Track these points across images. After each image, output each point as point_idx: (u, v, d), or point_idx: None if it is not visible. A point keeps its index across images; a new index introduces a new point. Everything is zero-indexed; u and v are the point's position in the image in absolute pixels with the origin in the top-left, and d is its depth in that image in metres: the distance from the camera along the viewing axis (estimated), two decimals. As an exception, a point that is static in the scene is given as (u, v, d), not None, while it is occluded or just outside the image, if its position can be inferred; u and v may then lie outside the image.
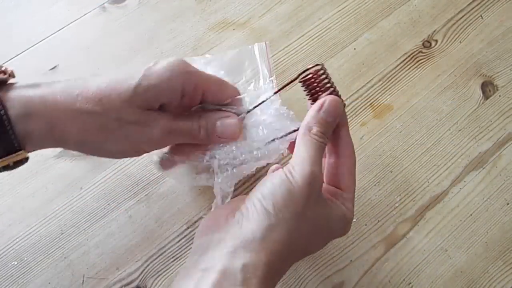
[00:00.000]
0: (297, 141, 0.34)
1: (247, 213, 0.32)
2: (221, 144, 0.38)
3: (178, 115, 0.36)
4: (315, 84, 0.36)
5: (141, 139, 0.34)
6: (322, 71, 0.36)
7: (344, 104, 0.36)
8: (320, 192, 0.33)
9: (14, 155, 0.32)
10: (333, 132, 0.36)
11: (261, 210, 0.31)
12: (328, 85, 0.36)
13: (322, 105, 0.35)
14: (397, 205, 0.47)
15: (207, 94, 0.36)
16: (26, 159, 0.33)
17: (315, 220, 0.33)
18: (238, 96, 0.39)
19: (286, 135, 0.38)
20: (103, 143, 0.34)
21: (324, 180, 0.37)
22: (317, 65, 0.36)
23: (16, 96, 0.32)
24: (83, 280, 0.44)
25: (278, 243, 0.31)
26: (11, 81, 0.34)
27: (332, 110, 0.34)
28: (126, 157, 0.36)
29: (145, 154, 0.37)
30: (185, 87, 0.34)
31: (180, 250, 0.45)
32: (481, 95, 0.53)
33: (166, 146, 0.38)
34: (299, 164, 0.32)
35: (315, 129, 0.34)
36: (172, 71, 0.33)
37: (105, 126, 0.33)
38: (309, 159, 0.32)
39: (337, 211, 0.34)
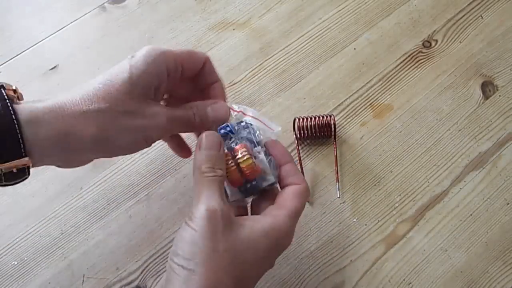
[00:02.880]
0: (192, 183, 0.35)
1: (169, 276, 0.32)
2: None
3: (173, 106, 0.38)
4: None
5: (150, 127, 0.35)
6: None
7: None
8: (228, 219, 0.33)
9: (18, 160, 0.31)
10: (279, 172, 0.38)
11: (177, 268, 0.31)
12: None
13: (200, 143, 0.36)
14: (397, 205, 0.47)
15: (185, 66, 0.38)
16: (28, 172, 0.33)
17: (233, 249, 0.32)
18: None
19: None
20: (118, 136, 0.34)
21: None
22: None
23: (24, 106, 0.32)
24: (83, 280, 0.44)
25: None
26: None
27: (210, 144, 0.35)
28: (137, 150, 0.37)
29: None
30: (167, 63, 0.37)
31: (180, 250, 0.45)
32: (481, 95, 0.53)
33: (169, 134, 0.39)
34: (196, 205, 0.33)
35: (203, 167, 0.34)
36: (153, 55, 0.36)
37: (116, 119, 0.34)
38: (204, 197, 0.33)
39: (258, 226, 0.34)
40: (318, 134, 0.49)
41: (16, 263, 0.45)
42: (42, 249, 0.45)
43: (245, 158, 0.36)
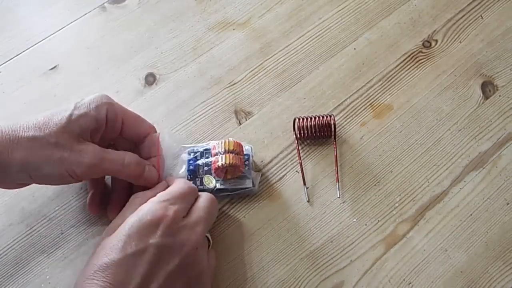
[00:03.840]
0: None
1: None
2: None
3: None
4: None
5: (74, 162, 0.38)
6: None
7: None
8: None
9: None
10: None
11: None
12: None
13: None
14: (397, 205, 0.47)
15: (126, 124, 0.42)
16: None
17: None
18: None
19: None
20: (43, 165, 0.37)
21: None
22: None
23: None
24: (83, 280, 0.44)
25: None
26: None
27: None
28: (66, 182, 0.40)
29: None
30: (108, 113, 0.40)
31: (180, 250, 0.45)
32: (481, 95, 0.53)
33: (97, 173, 0.41)
34: None
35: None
36: (98, 102, 0.40)
37: (45, 149, 0.37)
38: None
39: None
40: (318, 134, 0.49)
41: (16, 263, 0.45)
42: (42, 249, 0.45)
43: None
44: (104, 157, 0.39)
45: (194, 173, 0.46)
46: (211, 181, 0.44)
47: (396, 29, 0.58)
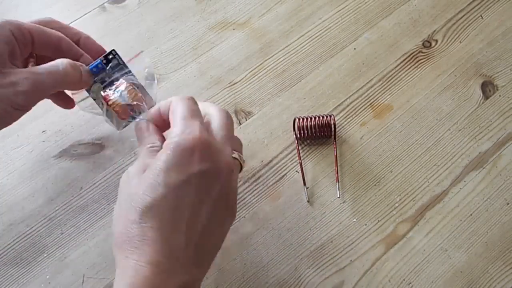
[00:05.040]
0: None
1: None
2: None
3: None
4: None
5: (12, 95, 0.35)
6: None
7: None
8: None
9: None
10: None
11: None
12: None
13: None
14: (397, 205, 0.47)
15: (34, 34, 0.39)
16: None
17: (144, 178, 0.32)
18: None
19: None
20: None
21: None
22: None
23: None
24: (83, 280, 0.44)
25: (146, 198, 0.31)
26: None
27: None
28: (14, 118, 0.38)
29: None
30: (12, 30, 0.37)
31: (180, 250, 0.45)
32: (481, 95, 0.53)
33: (42, 93, 0.38)
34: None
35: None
36: None
37: None
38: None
39: (167, 148, 0.32)
40: (318, 134, 0.50)
41: (16, 263, 0.45)
42: (42, 249, 0.45)
43: (133, 94, 0.39)
44: (37, 76, 0.36)
45: (96, 74, 0.41)
46: (97, 93, 0.41)
47: (396, 29, 0.58)
